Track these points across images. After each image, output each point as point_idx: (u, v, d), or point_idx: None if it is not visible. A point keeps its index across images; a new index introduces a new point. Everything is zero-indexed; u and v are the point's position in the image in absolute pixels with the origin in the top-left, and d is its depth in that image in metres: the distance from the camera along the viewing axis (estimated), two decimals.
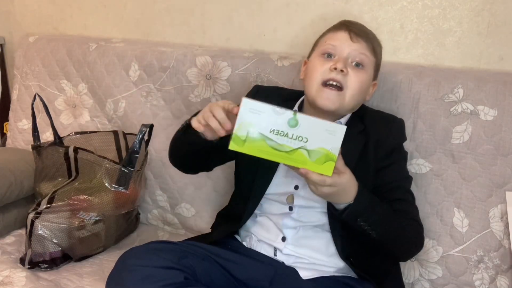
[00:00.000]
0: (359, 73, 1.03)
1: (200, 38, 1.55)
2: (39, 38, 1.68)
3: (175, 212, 1.48)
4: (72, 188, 1.24)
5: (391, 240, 1.00)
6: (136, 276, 0.90)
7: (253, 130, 0.85)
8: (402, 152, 1.11)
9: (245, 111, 0.84)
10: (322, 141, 0.84)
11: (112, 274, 0.95)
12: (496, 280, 1.13)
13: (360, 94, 1.04)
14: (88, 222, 1.23)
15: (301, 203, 1.05)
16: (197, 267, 0.96)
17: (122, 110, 1.51)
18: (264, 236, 1.08)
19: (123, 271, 0.92)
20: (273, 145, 0.85)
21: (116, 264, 0.95)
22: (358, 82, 1.02)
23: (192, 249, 1.00)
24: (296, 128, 0.84)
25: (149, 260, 0.92)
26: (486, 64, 1.24)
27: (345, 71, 1.00)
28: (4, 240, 1.32)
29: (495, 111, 1.13)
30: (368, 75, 1.05)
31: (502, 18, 1.20)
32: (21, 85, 1.68)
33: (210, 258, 1.01)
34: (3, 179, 1.32)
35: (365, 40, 1.04)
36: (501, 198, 1.13)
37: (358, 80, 1.02)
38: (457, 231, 1.16)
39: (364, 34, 1.06)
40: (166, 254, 0.94)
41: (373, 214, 0.95)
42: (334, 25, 1.10)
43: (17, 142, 1.68)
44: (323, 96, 1.01)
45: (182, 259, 0.94)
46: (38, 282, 1.13)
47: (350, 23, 1.08)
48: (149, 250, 0.96)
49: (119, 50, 1.52)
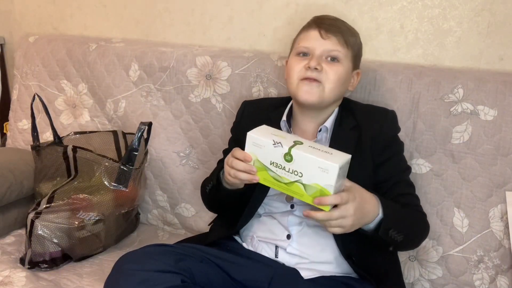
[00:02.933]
0: (334, 66, 1.05)
1: (200, 38, 1.56)
2: (39, 38, 1.68)
3: (175, 212, 1.48)
4: (72, 187, 1.24)
5: (410, 239, 1.03)
6: (132, 280, 0.89)
7: (258, 162, 0.92)
8: (399, 143, 1.12)
9: (250, 145, 0.92)
10: (316, 177, 0.86)
11: (109, 280, 0.94)
12: (496, 280, 1.13)
13: (340, 86, 1.06)
14: (88, 223, 1.23)
15: (300, 201, 1.05)
16: (194, 269, 0.96)
17: (122, 110, 1.51)
18: (268, 236, 1.08)
19: (120, 276, 0.92)
20: (274, 176, 0.91)
21: (113, 269, 0.95)
22: (335, 75, 1.05)
23: (190, 251, 1.00)
24: (291, 162, 0.88)
25: (145, 264, 0.91)
26: (486, 64, 1.24)
27: (319, 68, 1.04)
28: (4, 240, 1.32)
29: (495, 111, 1.13)
30: (344, 67, 1.06)
31: (502, 18, 1.20)
32: (21, 85, 1.68)
33: (208, 260, 1.00)
34: (3, 179, 1.32)
35: (336, 35, 1.06)
36: (501, 198, 1.13)
37: (333, 73, 1.04)
38: (457, 231, 1.16)
39: (335, 28, 1.07)
40: (162, 257, 0.94)
41: (400, 222, 0.98)
42: (307, 23, 1.12)
43: (17, 142, 1.68)
44: (303, 89, 1.05)
45: (179, 262, 0.94)
46: (38, 282, 1.13)
47: (321, 20, 1.10)
48: (145, 254, 0.95)
49: (119, 50, 1.52)
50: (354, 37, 1.10)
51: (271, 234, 1.08)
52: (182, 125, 1.45)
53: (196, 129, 1.44)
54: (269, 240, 1.08)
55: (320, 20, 1.09)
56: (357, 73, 1.13)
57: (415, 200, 1.09)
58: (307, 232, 1.06)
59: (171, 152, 1.46)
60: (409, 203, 1.07)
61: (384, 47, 1.33)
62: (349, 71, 1.08)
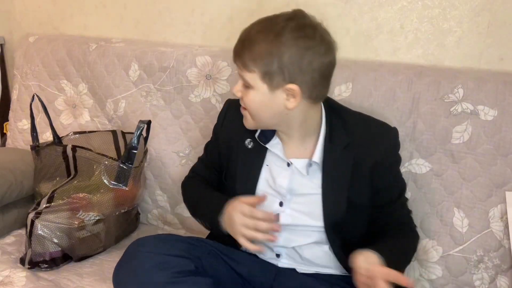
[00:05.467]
0: (248, 93, 0.97)
1: (200, 38, 1.55)
2: (39, 38, 1.68)
3: (175, 212, 1.48)
4: (71, 186, 1.24)
5: (406, 264, 1.09)
6: (148, 263, 0.91)
7: None
8: (399, 162, 1.10)
9: None
10: None
11: (122, 262, 0.95)
12: (496, 280, 1.13)
13: (263, 111, 0.98)
14: (88, 223, 1.23)
15: (288, 221, 1.04)
16: (204, 259, 0.98)
17: (122, 110, 1.51)
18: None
19: (134, 258, 0.93)
20: None
21: (126, 251, 0.96)
22: (250, 102, 0.98)
23: (198, 242, 1.02)
24: None
25: (160, 248, 0.94)
26: (486, 64, 1.24)
27: (239, 95, 1.00)
28: (4, 240, 1.32)
29: (495, 111, 1.13)
30: (256, 91, 0.95)
31: (502, 18, 1.20)
32: (21, 85, 1.68)
33: (215, 253, 1.03)
34: (3, 179, 1.32)
35: (239, 60, 0.97)
36: (501, 198, 1.13)
37: (248, 100, 0.98)
38: (457, 231, 1.16)
39: (238, 52, 0.97)
40: (176, 243, 0.97)
41: (399, 265, 0.97)
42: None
43: (17, 142, 1.68)
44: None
45: (191, 250, 0.97)
46: (38, 282, 1.13)
47: (238, 40, 0.99)
48: (160, 240, 0.98)
49: (119, 50, 1.52)
50: (256, 54, 0.93)
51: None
52: (182, 125, 1.45)
53: (196, 129, 1.44)
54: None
55: (237, 40, 0.99)
56: (287, 89, 0.93)
57: (409, 221, 1.11)
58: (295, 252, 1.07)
59: (171, 152, 1.46)
60: (404, 223, 1.09)
61: (384, 47, 1.33)
62: (265, 93, 0.95)
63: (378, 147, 1.03)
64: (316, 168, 1.02)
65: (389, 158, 1.05)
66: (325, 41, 0.94)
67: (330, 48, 0.95)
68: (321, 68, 0.93)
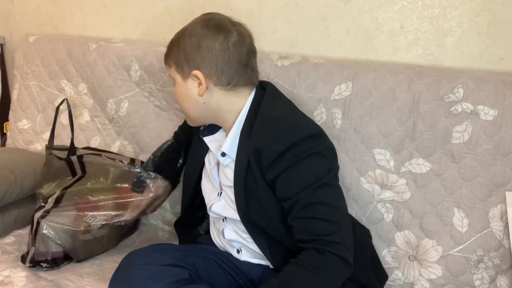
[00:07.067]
0: (174, 89, 1.06)
1: None
2: (39, 38, 1.68)
3: (175, 212, 1.48)
4: (81, 188, 1.24)
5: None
6: (142, 275, 0.91)
7: None
8: (299, 171, 0.92)
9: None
10: None
11: (116, 275, 0.95)
12: (496, 280, 1.13)
13: (184, 102, 1.04)
14: (93, 227, 1.22)
15: (218, 211, 1.06)
16: (199, 266, 0.98)
17: (125, 110, 1.51)
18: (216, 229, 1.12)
19: (129, 271, 0.94)
20: None
21: (120, 264, 0.96)
22: (175, 97, 1.06)
23: (193, 249, 1.02)
24: None
25: (154, 258, 0.94)
26: (486, 64, 1.24)
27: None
28: (4, 240, 1.32)
29: (495, 111, 1.13)
30: (177, 85, 1.04)
31: (502, 18, 1.21)
32: (21, 85, 1.68)
33: (210, 258, 1.02)
34: (3, 179, 1.32)
35: (164, 60, 1.07)
36: (501, 198, 1.13)
37: (175, 96, 1.06)
38: (457, 231, 1.16)
39: (165, 54, 1.06)
40: (171, 252, 0.98)
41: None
42: None
43: (17, 142, 1.68)
44: None
45: (185, 258, 0.97)
46: (38, 282, 1.13)
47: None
48: (154, 250, 0.98)
49: (119, 50, 1.52)
50: (172, 49, 1.02)
51: (215, 229, 1.13)
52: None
53: None
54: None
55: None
56: (193, 76, 0.98)
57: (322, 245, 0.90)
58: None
59: None
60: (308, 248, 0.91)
61: (384, 47, 1.33)
62: (181, 84, 1.01)
63: (259, 137, 0.94)
64: (231, 160, 1.01)
65: (270, 149, 0.92)
66: (225, 28, 0.99)
67: (231, 35, 0.98)
68: (223, 54, 0.97)
